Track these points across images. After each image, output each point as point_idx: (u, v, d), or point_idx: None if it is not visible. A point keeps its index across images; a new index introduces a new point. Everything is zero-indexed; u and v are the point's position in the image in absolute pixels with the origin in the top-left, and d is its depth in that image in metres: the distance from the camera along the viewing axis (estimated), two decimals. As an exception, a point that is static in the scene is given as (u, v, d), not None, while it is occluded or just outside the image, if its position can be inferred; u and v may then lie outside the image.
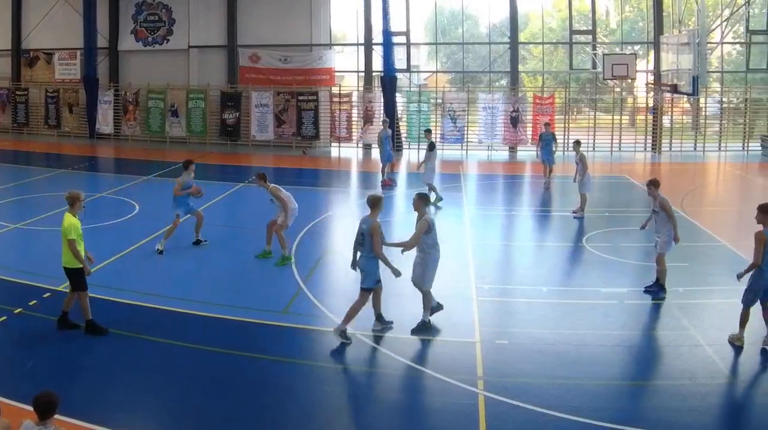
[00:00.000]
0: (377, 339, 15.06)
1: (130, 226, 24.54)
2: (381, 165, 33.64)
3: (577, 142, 28.01)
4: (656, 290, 17.62)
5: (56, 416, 8.72)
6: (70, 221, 14.68)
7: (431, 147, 29.67)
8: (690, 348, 14.54)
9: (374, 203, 15.03)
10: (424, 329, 15.47)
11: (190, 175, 21.54)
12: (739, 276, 14.70)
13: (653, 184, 17.79)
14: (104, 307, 16.05)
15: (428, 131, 32.58)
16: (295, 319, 16.15)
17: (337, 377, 13.80)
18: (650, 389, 13.17)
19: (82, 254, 14.91)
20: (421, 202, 15.64)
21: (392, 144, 33.40)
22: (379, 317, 15.61)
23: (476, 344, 14.71)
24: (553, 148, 32.06)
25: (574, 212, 26.13)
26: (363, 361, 14.39)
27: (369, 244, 14.76)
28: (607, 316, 16.49)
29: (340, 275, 19.48)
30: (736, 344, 14.55)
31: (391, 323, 15.63)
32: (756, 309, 14.59)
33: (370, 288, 15.03)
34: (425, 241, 15.36)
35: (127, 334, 15.09)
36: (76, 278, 14.97)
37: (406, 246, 15.67)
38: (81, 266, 14.85)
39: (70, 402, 11.25)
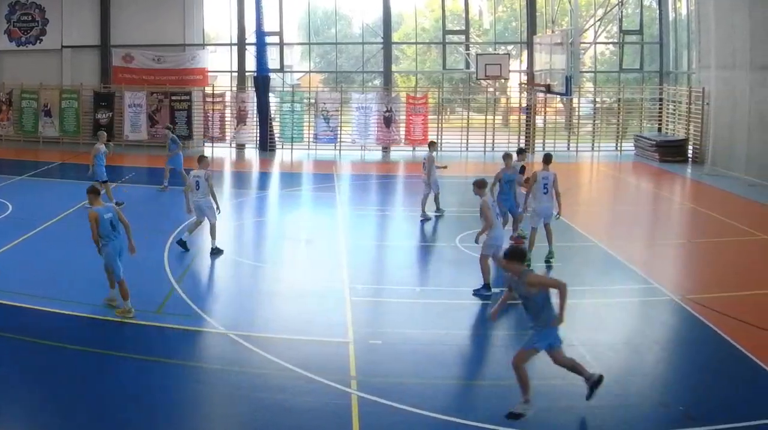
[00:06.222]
0: (250, 339, 13.83)
1: (2, 226, 22.30)
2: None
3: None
4: (481, 289, 16.28)
5: None
6: None
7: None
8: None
9: None
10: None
11: None
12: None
13: (480, 184, 16.50)
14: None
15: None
16: (168, 319, 14.92)
17: (210, 377, 12.65)
18: (523, 389, 11.93)
19: None
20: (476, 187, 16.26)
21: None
22: None
23: (349, 345, 13.68)
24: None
25: None
26: (236, 361, 13.14)
27: None
28: (480, 316, 15.46)
29: (214, 276, 18.75)
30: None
31: None
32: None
33: None
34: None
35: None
36: None
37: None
38: None
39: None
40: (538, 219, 18.59)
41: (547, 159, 18.95)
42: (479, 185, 16.35)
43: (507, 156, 20.71)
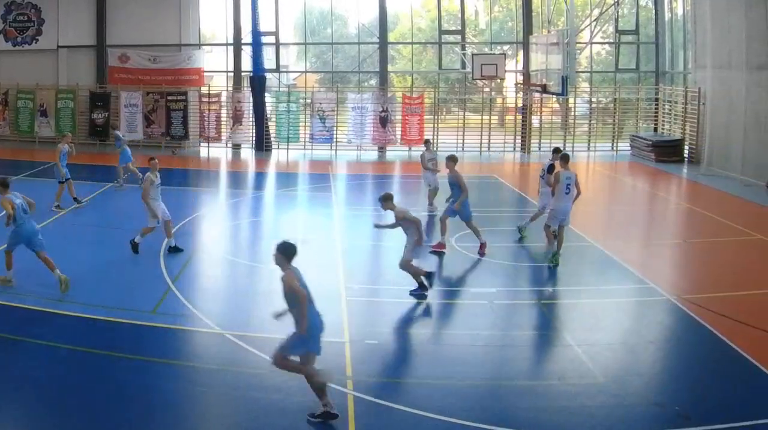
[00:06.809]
0: (246, 339, 13.72)
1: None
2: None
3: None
4: (418, 290, 16.24)
5: None
6: None
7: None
8: (560, 348, 13.76)
9: None
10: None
11: None
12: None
13: (385, 198, 16.47)
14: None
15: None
16: (164, 319, 14.82)
17: (206, 377, 12.51)
18: (520, 389, 12.10)
19: None
20: (382, 202, 16.20)
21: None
22: None
23: (345, 345, 13.54)
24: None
25: None
26: (232, 361, 13.08)
27: None
28: (477, 316, 15.41)
29: (210, 275, 18.70)
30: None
31: None
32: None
33: None
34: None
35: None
36: None
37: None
38: None
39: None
40: (556, 220, 18.66)
41: (566, 159, 19.11)
42: (385, 199, 16.34)
43: (450, 158, 20.62)
